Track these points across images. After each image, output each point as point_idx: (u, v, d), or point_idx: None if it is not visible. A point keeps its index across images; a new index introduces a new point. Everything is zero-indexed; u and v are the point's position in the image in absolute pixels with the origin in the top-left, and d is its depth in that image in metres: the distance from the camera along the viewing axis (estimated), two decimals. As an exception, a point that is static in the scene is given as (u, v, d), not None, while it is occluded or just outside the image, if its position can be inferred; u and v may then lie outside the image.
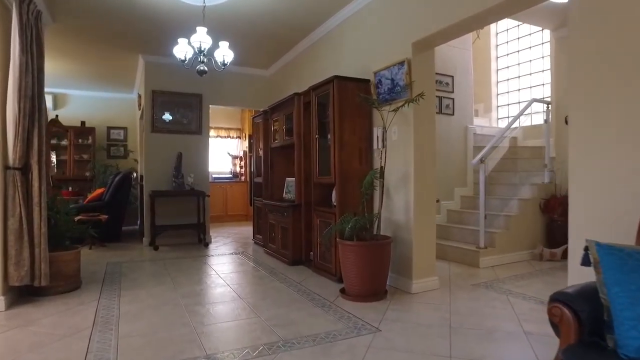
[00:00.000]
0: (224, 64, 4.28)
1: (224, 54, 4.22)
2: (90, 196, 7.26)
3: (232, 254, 5.93)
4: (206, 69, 4.16)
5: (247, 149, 9.96)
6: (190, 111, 6.80)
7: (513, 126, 5.85)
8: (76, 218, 6.26)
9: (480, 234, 5.06)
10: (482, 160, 5.10)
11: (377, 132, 4.32)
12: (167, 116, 6.64)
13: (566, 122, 5.52)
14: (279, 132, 5.67)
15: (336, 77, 4.23)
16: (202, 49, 3.97)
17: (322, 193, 4.72)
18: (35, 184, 3.55)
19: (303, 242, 5.03)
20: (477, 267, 4.89)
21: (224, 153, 10.22)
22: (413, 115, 3.85)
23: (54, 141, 8.76)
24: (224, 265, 5.16)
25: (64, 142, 8.83)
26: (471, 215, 5.72)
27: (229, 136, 10.28)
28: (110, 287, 4.08)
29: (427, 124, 3.97)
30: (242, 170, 10.12)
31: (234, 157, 10.32)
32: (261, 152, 6.52)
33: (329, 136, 4.57)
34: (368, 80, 4.38)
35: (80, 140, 9.01)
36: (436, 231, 4.15)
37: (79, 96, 9.15)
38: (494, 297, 3.72)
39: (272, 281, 4.33)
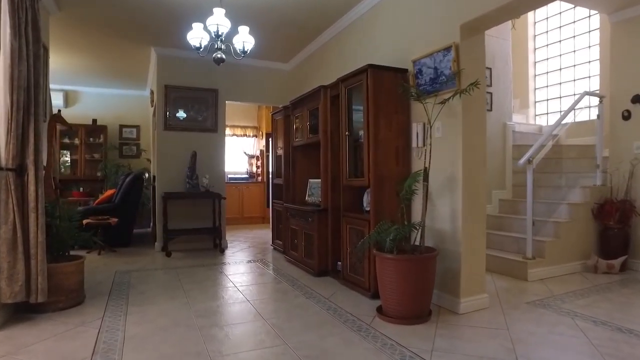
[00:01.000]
0: (243, 52, 3.81)
1: (244, 40, 3.75)
2: (100, 198, 6.87)
3: (250, 261, 5.47)
4: (224, 57, 3.70)
5: (264, 148, 9.52)
6: (205, 107, 6.36)
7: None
8: (84, 221, 5.89)
9: (527, 242, 4.51)
10: (529, 160, 4.56)
11: (416, 128, 3.81)
12: (181, 114, 6.21)
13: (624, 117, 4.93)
14: (301, 129, 5.19)
15: (370, 66, 3.73)
16: (220, 33, 3.50)
17: (352, 197, 4.23)
18: (32, 187, 3.13)
19: (330, 251, 4.54)
20: (525, 280, 4.35)
21: (239, 152, 9.79)
22: (462, 108, 3.34)
23: (65, 140, 8.46)
24: (242, 275, 4.70)
25: (76, 141, 8.51)
26: (513, 221, 5.17)
27: (245, 135, 9.85)
28: (117, 302, 3.64)
29: (477, 119, 3.44)
30: (259, 170, 9.68)
31: (251, 157, 9.88)
32: (281, 152, 6.05)
33: (360, 133, 4.08)
34: (406, 70, 3.88)
35: (91, 139, 8.67)
36: (484, 241, 3.63)
37: (91, 93, 8.84)
38: (557, 320, 3.18)
39: (297, 296, 3.85)
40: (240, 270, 4.93)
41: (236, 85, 6.59)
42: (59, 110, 4.05)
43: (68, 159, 8.63)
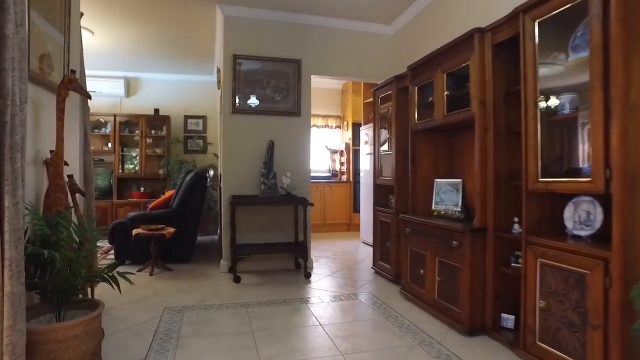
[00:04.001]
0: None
1: None
2: (155, 201, 5.58)
3: (349, 296, 3.84)
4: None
5: (350, 141, 7.88)
6: (285, 83, 4.83)
7: None
8: (134, 232, 4.60)
9: None
10: None
11: (702, 80, 1.95)
12: (253, 100, 4.72)
13: None
14: (431, 104, 3.47)
15: (613, -40, 1.94)
16: None
17: (541, 210, 2.45)
18: (-11, 192, 1.70)
19: (490, 296, 2.79)
20: None
21: (320, 146, 8.22)
22: None
23: (125, 132, 7.37)
24: (345, 326, 3.06)
25: (137, 133, 7.39)
26: None
27: (326, 125, 8.27)
28: (152, 386, 2.15)
29: None
30: (343, 167, 8.06)
31: (333, 152, 8.29)
32: (390, 140, 4.38)
33: (559, 101, 2.30)
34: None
35: (153, 132, 7.51)
36: None
37: (153, 80, 7.73)
38: None
39: (458, 389, 2.15)
40: (340, 316, 3.30)
41: (324, 55, 5.00)
42: (72, 71, 2.64)
43: (137, 155, 7.49)
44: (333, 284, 4.25)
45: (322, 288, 4.07)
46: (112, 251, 5.12)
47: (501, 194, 2.75)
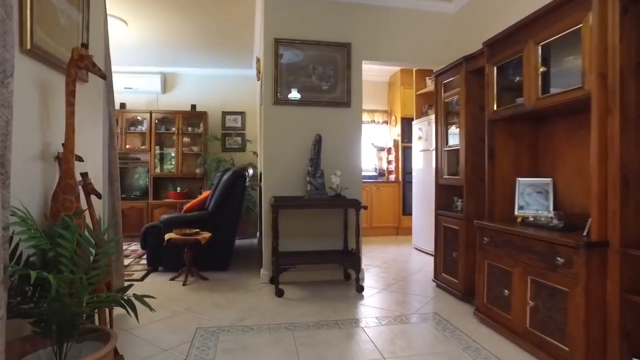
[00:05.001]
0: None
1: None
2: (190, 203, 5.14)
3: (412, 317, 3.23)
4: None
5: (398, 138, 7.24)
6: (333, 70, 4.27)
7: None
8: (166, 236, 4.18)
9: None
10: None
11: None
12: (296, 91, 4.19)
13: None
14: (517, 85, 2.82)
15: None
16: None
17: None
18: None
19: (615, 333, 2.12)
20: None
21: (366, 143, 7.61)
22: None
23: (161, 130, 7.02)
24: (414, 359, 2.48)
25: (173, 131, 7.02)
26: None
27: (372, 121, 7.65)
28: None
29: None
30: (391, 166, 7.42)
31: (380, 149, 7.66)
32: (457, 135, 3.74)
33: None
34: None
35: (189, 129, 7.13)
36: None
37: (190, 75, 7.38)
38: None
39: None
40: (405, 345, 2.70)
41: (376, 38, 4.40)
42: (84, 45, 2.17)
43: (173, 153, 7.12)
44: (390, 300, 3.65)
45: (377, 306, 3.48)
46: (145, 256, 4.74)
47: (630, 198, 2.08)
